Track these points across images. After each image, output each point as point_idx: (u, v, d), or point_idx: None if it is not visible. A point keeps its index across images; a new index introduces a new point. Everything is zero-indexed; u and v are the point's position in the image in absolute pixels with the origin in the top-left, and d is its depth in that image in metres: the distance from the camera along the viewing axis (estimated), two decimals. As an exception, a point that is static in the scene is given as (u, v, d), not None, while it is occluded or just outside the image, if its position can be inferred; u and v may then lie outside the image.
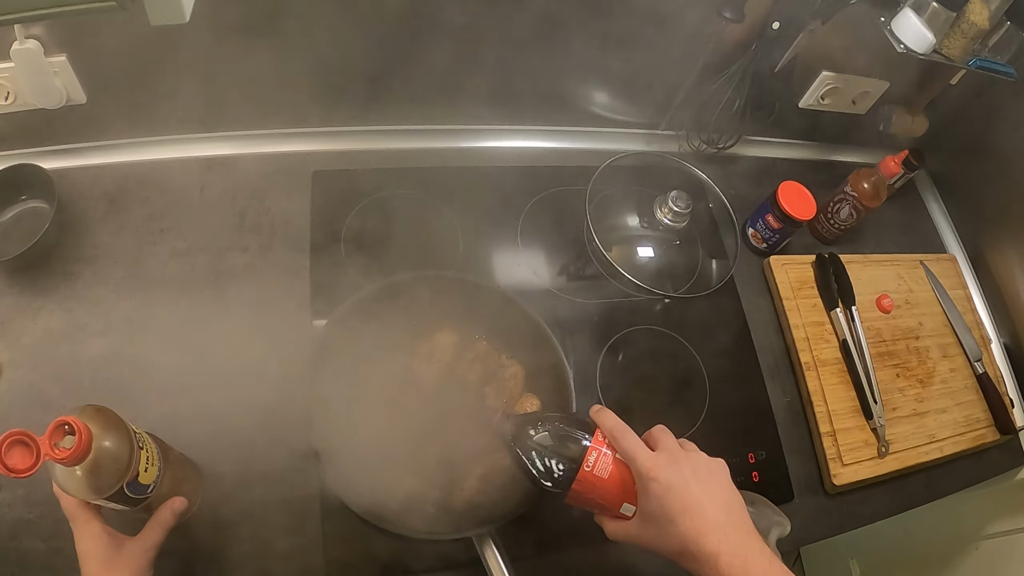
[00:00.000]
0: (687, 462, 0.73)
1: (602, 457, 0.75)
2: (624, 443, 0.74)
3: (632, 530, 0.74)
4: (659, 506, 0.70)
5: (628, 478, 0.74)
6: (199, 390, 0.98)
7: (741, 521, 0.71)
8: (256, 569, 0.90)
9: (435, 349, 0.96)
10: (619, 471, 0.75)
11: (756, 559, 0.67)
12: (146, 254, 1.07)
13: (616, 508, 0.76)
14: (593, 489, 0.75)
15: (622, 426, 0.76)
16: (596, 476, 0.74)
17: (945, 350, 1.34)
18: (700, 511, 0.69)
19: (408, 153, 1.25)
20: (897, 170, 1.29)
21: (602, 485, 0.75)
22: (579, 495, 0.76)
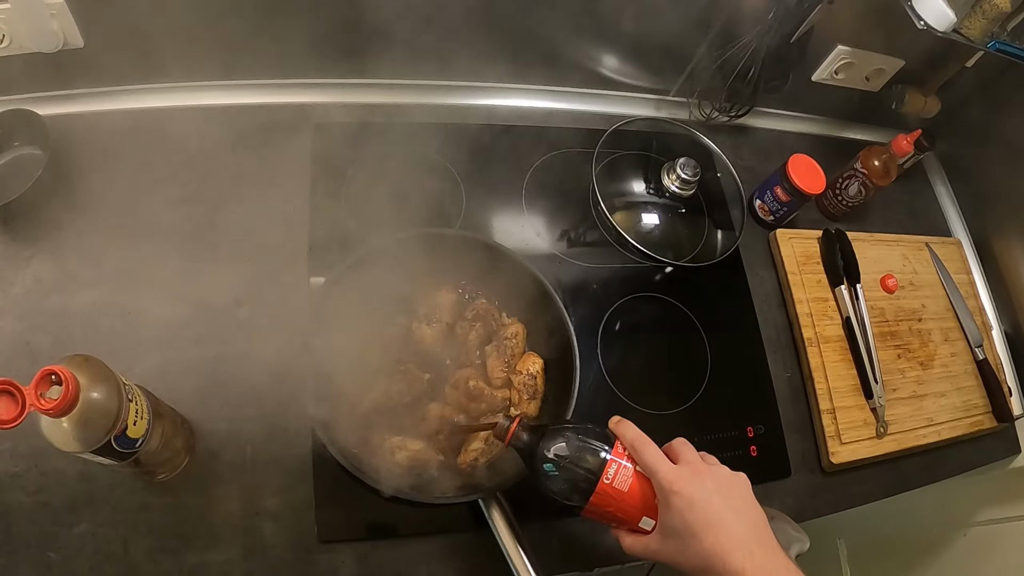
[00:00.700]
0: (710, 476, 0.71)
1: (622, 469, 0.73)
2: (645, 455, 0.72)
3: (652, 545, 0.72)
4: (681, 521, 0.68)
5: (648, 491, 0.73)
6: (192, 343, 0.97)
7: (766, 537, 0.69)
8: (246, 527, 0.89)
9: (435, 309, 0.94)
10: (639, 484, 0.73)
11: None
12: (141, 204, 1.05)
13: (635, 522, 0.74)
14: (612, 502, 0.73)
15: (643, 438, 0.74)
16: (615, 489, 0.73)
17: (947, 334, 1.33)
18: (724, 527, 0.67)
19: (411, 108, 1.22)
20: (909, 149, 1.27)
21: (621, 498, 0.73)
22: (597, 508, 0.74)
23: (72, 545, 0.85)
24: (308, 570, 0.89)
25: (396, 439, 0.88)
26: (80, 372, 0.67)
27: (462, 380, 0.93)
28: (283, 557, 0.89)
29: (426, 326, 0.94)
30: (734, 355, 1.18)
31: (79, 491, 0.87)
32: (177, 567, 0.86)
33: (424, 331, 0.94)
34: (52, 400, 0.63)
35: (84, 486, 0.87)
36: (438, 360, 0.96)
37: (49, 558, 0.84)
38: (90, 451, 0.69)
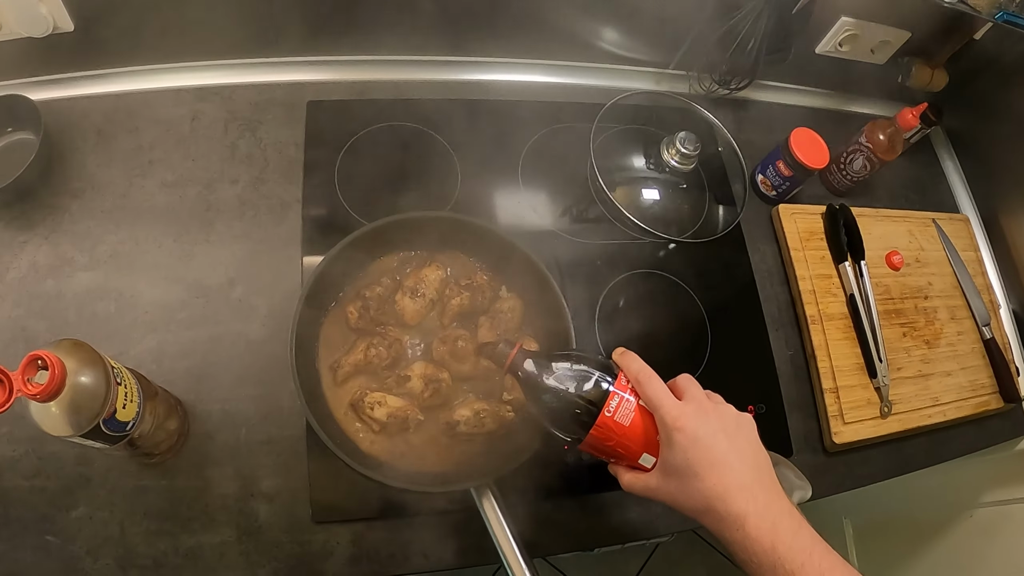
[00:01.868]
0: (715, 414, 0.70)
1: (624, 403, 0.71)
2: (649, 389, 0.70)
3: (652, 482, 0.70)
4: (684, 459, 0.66)
5: (651, 427, 0.70)
6: (186, 325, 0.98)
7: (769, 481, 0.68)
8: (241, 509, 0.90)
9: (421, 283, 0.93)
10: (641, 419, 0.71)
11: (785, 522, 0.63)
12: (134, 186, 1.04)
13: (635, 458, 0.72)
14: (612, 436, 0.71)
15: (648, 371, 0.72)
16: (617, 423, 0.70)
17: (953, 312, 1.31)
18: (728, 467, 0.66)
19: (406, 85, 1.21)
20: (915, 123, 1.24)
21: (622, 432, 0.71)
22: (596, 442, 0.72)
23: (70, 528, 0.86)
24: (303, 551, 0.89)
25: (376, 394, 0.88)
26: (67, 357, 0.66)
27: (452, 337, 0.92)
28: (278, 538, 0.89)
29: (409, 299, 0.93)
30: (735, 333, 1.17)
31: (76, 475, 0.87)
32: (173, 549, 0.87)
33: (406, 303, 0.93)
34: (39, 385, 0.63)
35: (81, 469, 0.88)
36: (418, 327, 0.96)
37: (48, 542, 0.85)
38: (80, 435, 0.69)
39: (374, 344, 0.89)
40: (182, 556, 0.87)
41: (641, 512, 1.01)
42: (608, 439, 0.71)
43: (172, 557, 0.86)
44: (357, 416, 0.89)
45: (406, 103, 1.18)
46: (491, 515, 0.82)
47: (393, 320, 0.93)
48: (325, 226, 1.05)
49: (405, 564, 0.92)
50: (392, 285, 0.94)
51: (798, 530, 0.63)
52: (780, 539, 0.62)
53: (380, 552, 0.91)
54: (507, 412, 0.90)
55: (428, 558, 0.92)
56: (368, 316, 0.90)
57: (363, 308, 0.90)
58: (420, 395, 0.89)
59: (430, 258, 0.98)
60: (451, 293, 0.94)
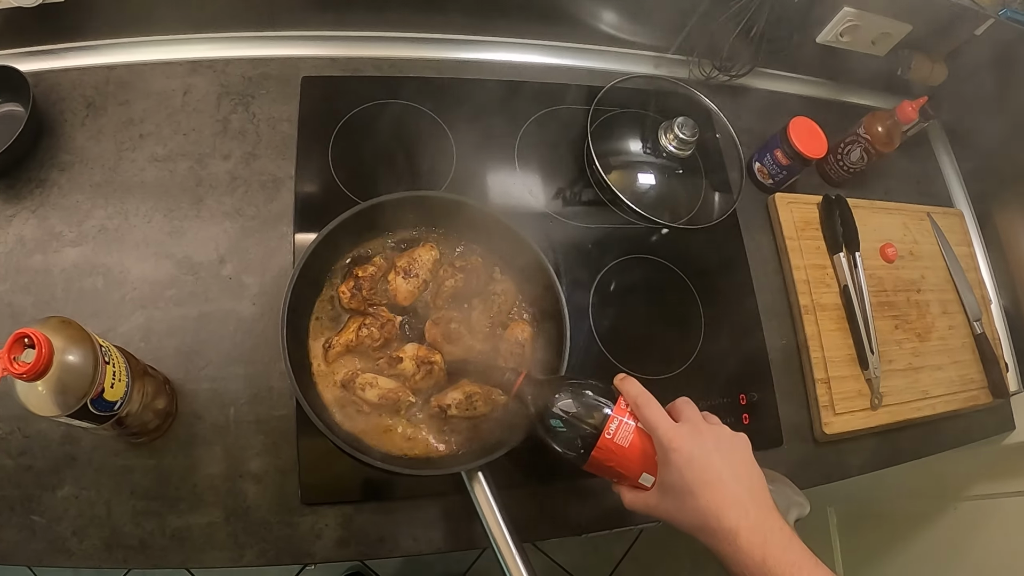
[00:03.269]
0: (710, 435, 0.72)
1: (623, 426, 0.74)
2: (647, 412, 0.73)
3: (651, 501, 0.73)
4: (680, 478, 0.69)
5: (649, 448, 0.74)
6: (175, 303, 0.96)
7: (762, 498, 0.70)
8: (228, 490, 0.89)
9: (414, 263, 0.92)
10: (640, 441, 0.74)
11: (776, 538, 0.66)
12: (124, 160, 1.03)
13: (635, 478, 0.75)
14: (613, 457, 0.74)
15: (646, 395, 0.75)
16: (617, 444, 0.74)
17: (945, 306, 1.31)
18: (721, 485, 0.68)
19: (402, 62, 1.19)
20: (914, 116, 1.24)
21: (622, 454, 0.74)
22: (598, 463, 0.75)
23: (56, 508, 0.85)
24: (291, 533, 0.88)
25: (368, 375, 0.88)
26: (55, 335, 0.65)
27: (444, 319, 0.92)
28: (266, 519, 0.88)
29: (402, 279, 0.91)
30: (729, 320, 1.16)
31: (62, 454, 0.86)
32: (160, 529, 0.86)
33: (399, 284, 0.92)
34: (25, 364, 0.62)
35: (67, 448, 0.87)
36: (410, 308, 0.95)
37: (33, 522, 0.84)
38: (67, 415, 0.68)
39: (366, 324, 0.88)
40: (169, 537, 0.86)
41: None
42: (609, 460, 0.74)
43: (159, 538, 0.85)
44: (348, 397, 0.88)
45: (403, 81, 1.17)
46: (482, 499, 0.82)
47: (386, 300, 0.92)
48: (318, 204, 1.04)
49: (394, 547, 0.91)
50: (385, 265, 0.93)
51: (788, 544, 0.65)
52: (770, 553, 0.64)
53: (369, 535, 0.90)
54: (499, 396, 0.90)
55: (417, 541, 0.92)
56: (360, 296, 0.89)
57: (355, 288, 0.89)
58: (412, 377, 0.88)
59: (424, 238, 0.97)
60: (444, 275, 0.93)
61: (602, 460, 0.75)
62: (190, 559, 0.86)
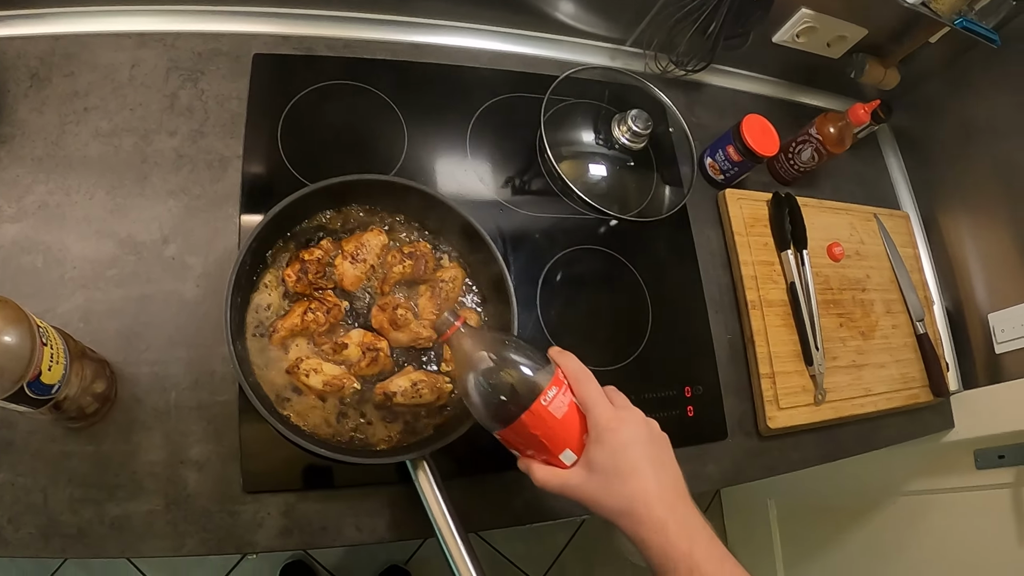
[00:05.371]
0: (644, 424, 0.73)
1: (559, 397, 0.71)
2: (586, 388, 0.72)
3: (573, 480, 0.71)
4: (612, 460, 0.69)
5: (579, 425, 0.72)
6: (116, 283, 0.93)
7: (686, 494, 0.70)
8: (169, 477, 0.86)
9: (361, 248, 0.90)
10: (572, 416, 0.72)
11: (702, 533, 0.67)
12: (68, 134, 0.98)
13: (556, 453, 0.72)
14: (541, 427, 0.71)
15: (586, 371, 0.74)
16: (549, 414, 0.71)
17: (889, 306, 1.34)
18: (651, 475, 0.68)
19: (357, 43, 1.16)
20: (866, 119, 1.26)
21: (553, 424, 0.71)
22: (523, 430, 0.71)
23: (-10, 495, 0.81)
24: (232, 521, 0.86)
25: (312, 361, 0.86)
26: (-10, 315, 0.63)
27: (391, 304, 0.90)
28: (207, 507, 0.86)
29: (349, 264, 0.90)
30: (676, 314, 1.17)
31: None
32: (99, 517, 0.83)
33: (345, 268, 0.90)
34: (-42, 345, 0.59)
35: (3, 433, 0.83)
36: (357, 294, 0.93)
37: (-34, 510, 0.80)
38: (2, 398, 0.65)
39: (312, 309, 0.86)
40: (108, 525, 0.83)
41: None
42: (536, 428, 0.71)
43: (97, 526, 0.83)
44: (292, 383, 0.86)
45: (356, 62, 1.14)
46: (426, 488, 0.81)
47: (332, 285, 0.91)
48: (266, 184, 1.01)
49: (337, 536, 0.90)
50: (332, 249, 0.91)
51: (711, 541, 0.67)
52: (697, 546, 0.65)
53: (312, 524, 0.89)
54: (445, 383, 0.89)
55: (361, 530, 0.91)
56: (306, 280, 0.87)
57: (301, 271, 0.87)
58: (357, 363, 0.87)
59: (372, 223, 0.95)
60: (393, 260, 0.92)
61: (528, 427, 0.71)
62: (129, 548, 0.84)
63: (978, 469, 1.39)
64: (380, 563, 2.08)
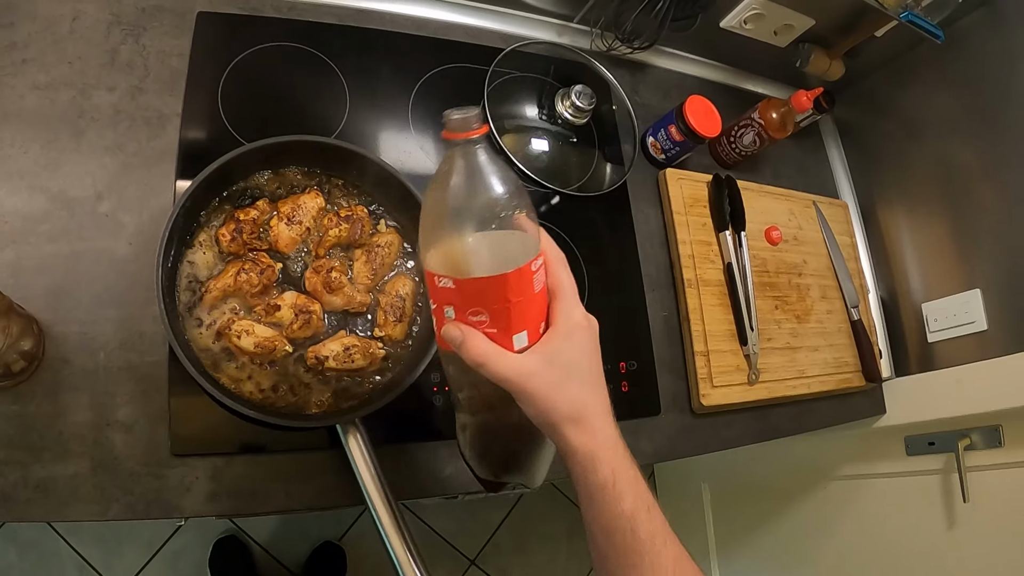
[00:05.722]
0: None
1: (541, 271, 0.61)
2: (565, 276, 0.64)
3: (525, 365, 0.60)
4: (577, 359, 0.62)
5: (544, 310, 0.62)
6: (47, 239, 0.90)
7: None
8: (96, 439, 0.84)
9: (298, 210, 0.90)
10: (543, 296, 0.62)
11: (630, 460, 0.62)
12: (4, 86, 0.95)
13: (512, 331, 0.60)
14: (519, 293, 0.59)
15: (564, 258, 0.66)
16: (531, 283, 0.59)
17: (825, 291, 1.37)
18: (603, 388, 0.64)
19: (303, 5, 1.14)
20: (808, 106, 1.28)
21: (530, 296, 0.60)
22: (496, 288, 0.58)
23: (-93, 451, 0.79)
24: (160, 485, 0.85)
25: (244, 322, 0.85)
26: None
27: (325, 266, 0.90)
28: (134, 470, 0.84)
29: (284, 225, 0.89)
30: (612, 290, 1.18)
31: (-84, 396, 0.80)
32: (23, 480, 0.81)
33: (281, 229, 0.89)
34: None
35: (-77, 387, 0.80)
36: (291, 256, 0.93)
37: None
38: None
39: (245, 269, 0.86)
40: (32, 488, 0.81)
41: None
42: (512, 293, 0.59)
43: (21, 489, 0.80)
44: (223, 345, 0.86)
45: (302, 25, 1.12)
46: (356, 453, 0.81)
47: (266, 246, 0.90)
48: (204, 143, 1.00)
49: (266, 502, 0.89)
50: (268, 209, 0.90)
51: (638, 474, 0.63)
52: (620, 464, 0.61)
53: (241, 489, 0.88)
54: (378, 349, 0.89)
55: (290, 496, 0.90)
56: (241, 240, 0.87)
57: (236, 231, 0.86)
58: (289, 326, 0.87)
59: (309, 185, 0.94)
60: (329, 223, 0.91)
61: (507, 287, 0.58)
62: (54, 512, 0.82)
63: (908, 456, 1.44)
64: (314, 539, 2.07)
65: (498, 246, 0.58)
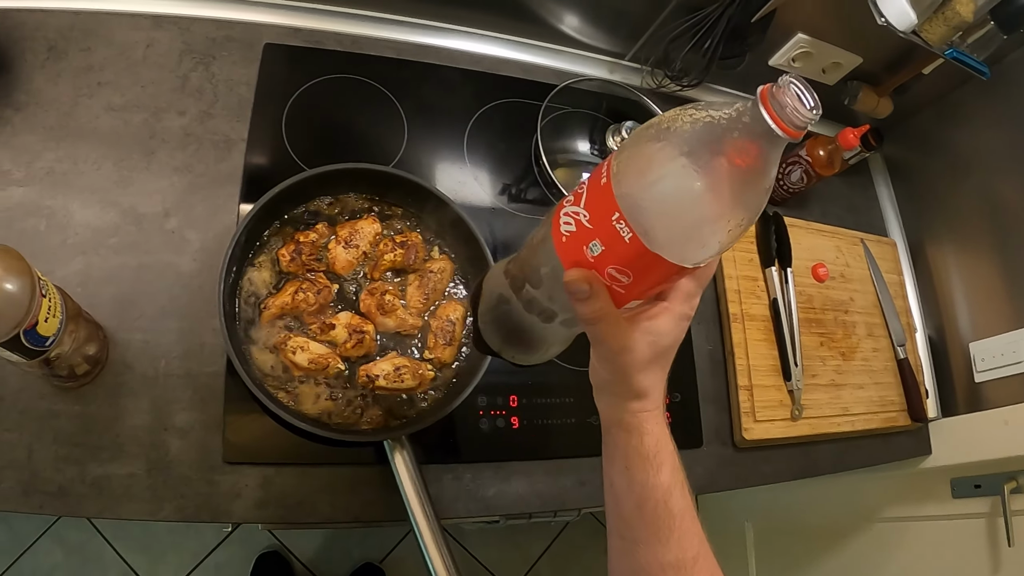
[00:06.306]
0: None
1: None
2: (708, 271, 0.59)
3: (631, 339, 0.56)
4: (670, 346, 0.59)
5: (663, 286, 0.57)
6: (115, 251, 0.96)
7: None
8: (152, 442, 0.88)
9: (355, 234, 0.94)
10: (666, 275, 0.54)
11: (669, 433, 0.62)
12: (80, 106, 1.02)
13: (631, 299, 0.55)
14: (676, 278, 0.55)
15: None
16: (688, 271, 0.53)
17: (871, 329, 1.36)
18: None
19: (364, 39, 1.20)
20: (855, 143, 1.28)
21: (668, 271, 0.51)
22: (658, 267, 0.50)
23: (-25, 447, 0.83)
24: (211, 490, 0.88)
25: (299, 339, 0.89)
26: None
27: (379, 289, 0.93)
28: (187, 475, 0.88)
29: (342, 248, 0.93)
30: (659, 323, 1.18)
31: (-13, 393, 0.85)
32: (80, 477, 0.85)
33: (338, 252, 0.93)
34: (-39, 284, 0.61)
35: (-7, 388, 0.85)
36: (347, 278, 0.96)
37: (-50, 460, 0.83)
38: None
39: (303, 289, 0.90)
40: (88, 485, 0.85)
41: (550, 484, 1.03)
42: (673, 279, 0.55)
43: (78, 485, 0.85)
44: (278, 359, 0.89)
45: (363, 58, 1.17)
46: (402, 470, 0.83)
47: (324, 267, 0.94)
48: (267, 167, 1.05)
49: (312, 513, 0.92)
50: (327, 232, 0.94)
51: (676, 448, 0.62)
52: (664, 435, 0.60)
53: (288, 498, 0.91)
54: (427, 371, 0.92)
55: (335, 508, 0.93)
56: (300, 260, 0.91)
57: (295, 252, 0.91)
58: (343, 345, 0.90)
59: (368, 211, 0.98)
60: (384, 248, 0.95)
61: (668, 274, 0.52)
62: (107, 509, 0.86)
63: (954, 498, 1.40)
64: (355, 560, 2.08)
65: (706, 241, 0.50)
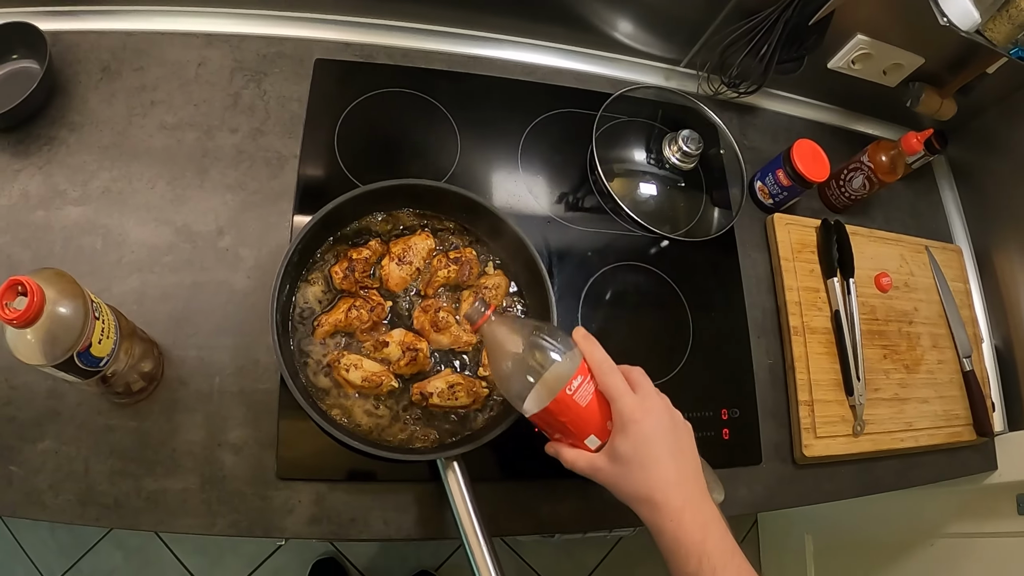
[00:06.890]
0: (667, 414, 0.75)
1: (584, 386, 0.74)
2: (610, 380, 0.74)
3: (597, 463, 0.74)
4: (633, 450, 0.71)
5: (603, 412, 0.74)
6: (171, 269, 0.97)
7: (702, 483, 0.74)
8: (207, 457, 0.90)
9: (409, 250, 0.93)
10: (597, 403, 0.74)
11: (714, 524, 0.70)
12: (134, 125, 1.04)
13: (581, 437, 0.75)
14: (566, 413, 0.74)
15: (609, 362, 0.76)
16: (575, 402, 0.73)
17: (936, 340, 1.31)
18: (671, 464, 0.72)
19: (415, 53, 1.20)
20: (918, 148, 1.24)
21: (577, 413, 0.74)
22: (550, 416, 0.74)
23: (34, 461, 0.86)
24: (264, 505, 0.89)
25: (353, 356, 0.89)
26: (48, 285, 0.66)
27: (433, 306, 0.93)
28: (241, 490, 0.89)
29: (395, 265, 0.93)
30: (717, 335, 1.16)
31: (46, 408, 0.87)
32: (136, 490, 0.87)
33: (391, 268, 0.93)
34: (16, 310, 0.63)
35: (51, 403, 0.88)
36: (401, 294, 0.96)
37: (11, 472, 0.85)
38: (52, 365, 0.69)
39: (356, 306, 0.89)
40: (143, 499, 0.86)
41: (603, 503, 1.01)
42: (562, 415, 0.74)
43: (133, 499, 0.86)
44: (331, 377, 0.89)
45: (413, 71, 1.17)
46: (455, 488, 0.83)
47: (377, 284, 0.93)
48: (320, 184, 1.05)
49: (365, 529, 0.92)
50: (380, 249, 0.94)
51: (725, 534, 0.70)
52: (710, 536, 0.68)
53: (341, 515, 0.91)
54: (482, 388, 0.91)
55: (388, 525, 0.92)
56: (353, 278, 0.91)
57: (348, 269, 0.90)
58: (397, 362, 0.90)
59: (421, 227, 0.98)
60: (438, 264, 0.94)
61: (556, 414, 0.73)
62: (162, 523, 0.87)
63: (1020, 514, 1.34)
64: (410, 567, 2.09)
65: (530, 392, 0.74)
